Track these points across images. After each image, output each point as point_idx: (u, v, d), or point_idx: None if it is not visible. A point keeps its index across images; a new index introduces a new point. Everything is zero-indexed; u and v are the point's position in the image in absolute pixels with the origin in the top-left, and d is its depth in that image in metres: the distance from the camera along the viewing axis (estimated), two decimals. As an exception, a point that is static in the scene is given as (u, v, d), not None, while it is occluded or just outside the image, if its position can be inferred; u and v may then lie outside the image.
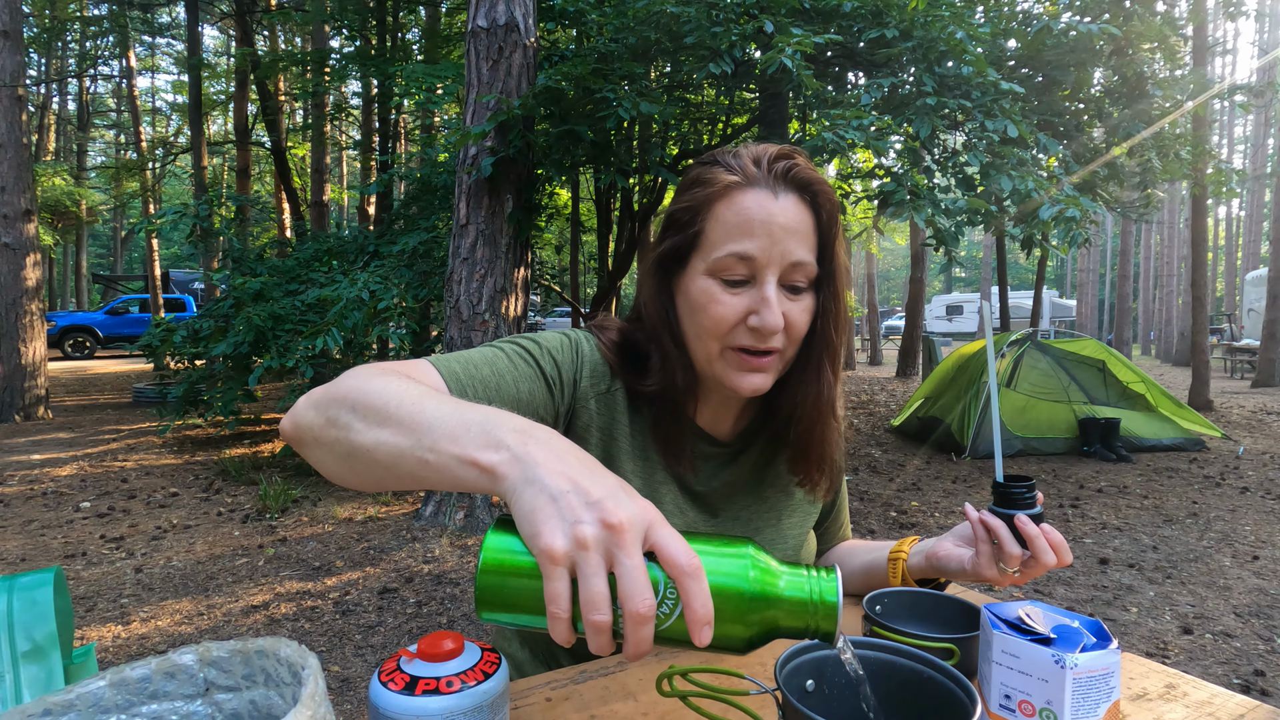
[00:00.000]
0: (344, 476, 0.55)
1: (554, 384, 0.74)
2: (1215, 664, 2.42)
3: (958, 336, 24.55)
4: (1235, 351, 14.43)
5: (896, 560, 0.81)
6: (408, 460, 0.48)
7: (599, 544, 0.39)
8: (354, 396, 0.53)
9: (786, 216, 0.69)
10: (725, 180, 0.71)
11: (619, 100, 3.74)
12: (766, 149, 0.72)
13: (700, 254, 0.72)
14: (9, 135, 6.76)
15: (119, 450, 5.85)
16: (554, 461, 0.43)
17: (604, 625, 0.38)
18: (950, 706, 0.50)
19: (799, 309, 0.71)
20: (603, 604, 0.38)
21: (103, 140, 27.21)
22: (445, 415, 0.48)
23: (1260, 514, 4.18)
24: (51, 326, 14.20)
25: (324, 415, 0.54)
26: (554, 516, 0.40)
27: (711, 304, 0.70)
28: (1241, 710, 0.63)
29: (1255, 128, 22.44)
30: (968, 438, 5.76)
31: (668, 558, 0.40)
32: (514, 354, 0.72)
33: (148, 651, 2.50)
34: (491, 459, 0.44)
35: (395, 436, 0.49)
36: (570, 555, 0.39)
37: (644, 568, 0.39)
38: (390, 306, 4.54)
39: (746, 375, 0.71)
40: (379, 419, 0.50)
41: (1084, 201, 3.68)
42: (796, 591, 0.44)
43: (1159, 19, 4.99)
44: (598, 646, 0.39)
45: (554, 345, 0.76)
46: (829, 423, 0.78)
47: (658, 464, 0.79)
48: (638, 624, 0.38)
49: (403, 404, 0.50)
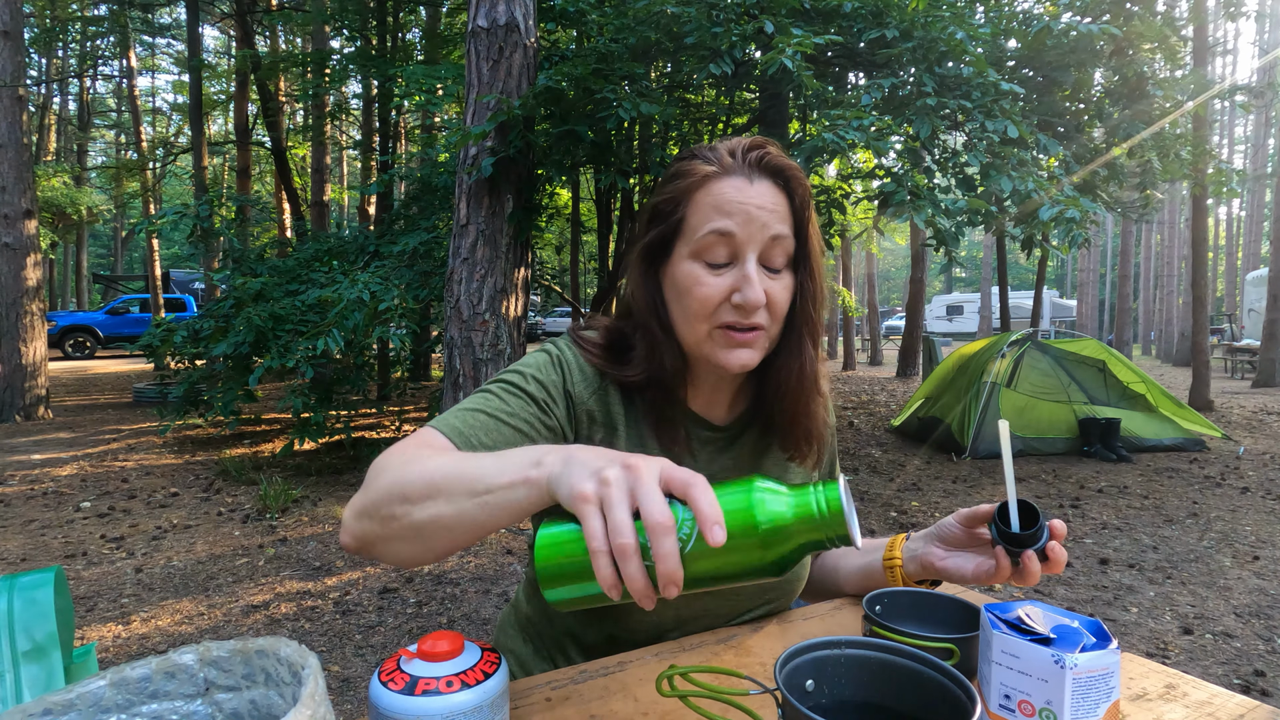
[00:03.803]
0: (421, 555, 0.60)
1: (546, 404, 0.77)
2: (1215, 664, 2.42)
3: (958, 336, 24.55)
4: (1236, 352, 14.42)
5: (894, 568, 0.84)
6: (470, 513, 0.54)
7: (620, 481, 0.45)
8: (396, 489, 0.58)
9: (762, 199, 0.74)
10: (704, 171, 0.75)
11: (619, 100, 3.74)
12: (740, 141, 0.76)
13: (683, 240, 0.76)
14: (9, 135, 6.76)
15: (119, 450, 5.86)
16: (586, 449, 0.51)
17: (629, 549, 0.43)
18: (950, 706, 0.50)
19: (779, 286, 0.75)
20: (626, 529, 0.43)
21: (103, 140, 27.22)
22: (486, 465, 0.55)
23: (1260, 514, 4.18)
24: (52, 326, 14.21)
25: (377, 517, 0.59)
26: (586, 473, 0.47)
27: (697, 285, 0.73)
28: (1241, 710, 0.63)
29: (1256, 128, 22.44)
30: (968, 438, 5.76)
31: (674, 480, 0.46)
32: (501, 391, 0.76)
33: (148, 651, 2.50)
34: (538, 472, 0.51)
35: (451, 503, 0.55)
36: (598, 493, 0.45)
37: (660, 493, 0.45)
38: (391, 307, 4.54)
39: (734, 351, 0.74)
40: (429, 495, 0.56)
41: (1084, 202, 3.68)
42: (804, 509, 0.48)
43: (1159, 19, 5.00)
44: (630, 577, 0.44)
45: (536, 367, 0.80)
46: (814, 396, 0.82)
47: (655, 451, 0.81)
48: (658, 535, 0.43)
49: (445, 474, 0.56)
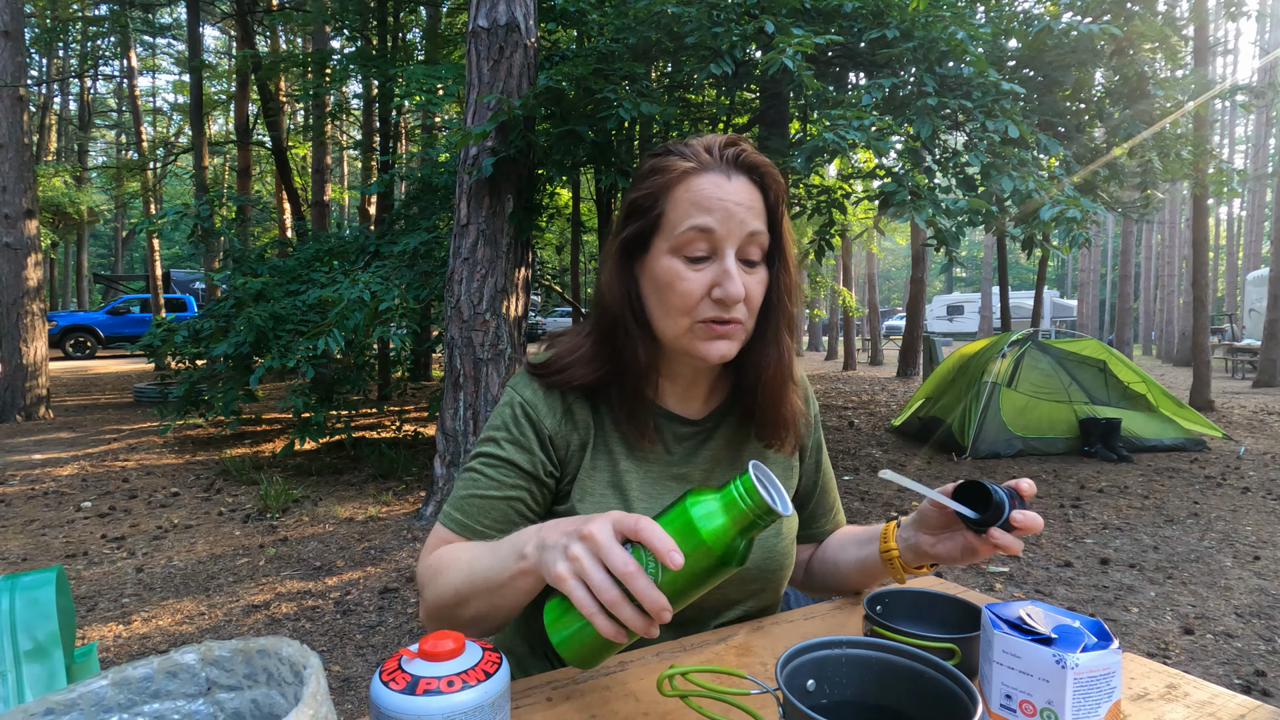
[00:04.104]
0: (491, 630, 0.74)
1: (527, 462, 0.82)
2: (1216, 664, 2.42)
3: (958, 336, 24.55)
4: (1236, 352, 14.41)
5: (892, 559, 0.84)
6: (498, 605, 0.67)
7: (584, 553, 0.53)
8: (439, 604, 0.73)
9: (739, 195, 0.76)
10: (682, 167, 0.76)
11: (620, 100, 3.74)
12: (716, 138, 0.79)
13: (662, 235, 0.77)
14: (10, 135, 6.76)
15: (120, 450, 5.86)
16: (552, 529, 0.60)
17: (617, 600, 0.51)
18: (951, 706, 0.50)
19: (755, 281, 0.77)
20: (608, 587, 0.51)
21: (104, 140, 27.22)
22: (489, 564, 0.67)
23: (1261, 514, 4.17)
24: (53, 326, 14.22)
25: (442, 621, 0.73)
26: (556, 556, 0.56)
27: (678, 280, 0.75)
28: (1242, 711, 0.63)
29: (1256, 128, 22.44)
30: (968, 438, 5.76)
31: (624, 529, 0.53)
32: (484, 468, 0.81)
33: (149, 651, 2.50)
34: (526, 563, 0.61)
35: (482, 602, 0.68)
36: (572, 569, 0.53)
37: (618, 546, 0.53)
38: (392, 307, 4.54)
39: (714, 343, 0.77)
40: (462, 602, 0.70)
41: (1085, 202, 3.68)
42: (732, 506, 0.54)
43: (1160, 19, 4.99)
44: (627, 620, 0.52)
45: (504, 427, 0.83)
46: (788, 385, 0.84)
47: (620, 452, 0.84)
48: (632, 580, 0.51)
49: (465, 582, 0.69)
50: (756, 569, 0.83)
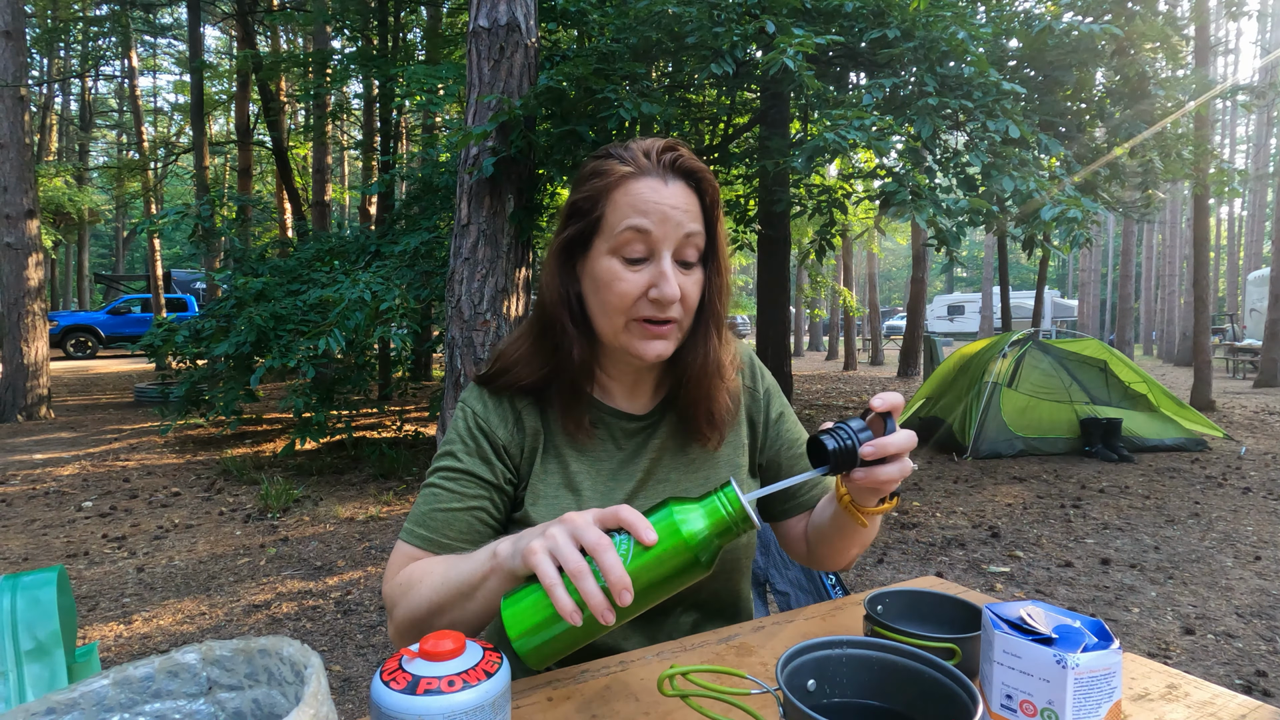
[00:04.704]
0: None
1: (486, 472, 0.83)
2: (1217, 664, 2.41)
3: (959, 336, 24.55)
4: (1237, 351, 14.40)
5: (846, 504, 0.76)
6: (471, 610, 0.68)
7: (560, 530, 0.56)
8: (412, 619, 0.73)
9: (676, 199, 0.78)
10: (621, 170, 0.78)
11: (620, 100, 3.74)
12: (655, 142, 0.80)
13: (602, 236, 0.79)
14: (11, 135, 6.77)
15: (121, 450, 5.86)
16: (531, 530, 0.61)
17: (582, 570, 0.53)
18: (952, 706, 0.50)
19: (690, 282, 0.80)
20: (575, 556, 0.53)
21: (105, 140, 27.24)
22: (462, 570, 0.68)
23: (1262, 514, 4.17)
24: (54, 326, 14.23)
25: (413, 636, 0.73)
26: (531, 536, 0.58)
27: (616, 281, 0.77)
28: (1243, 711, 0.63)
29: (1257, 127, 22.42)
30: (969, 438, 5.76)
31: (606, 518, 0.56)
32: (444, 482, 0.83)
33: (150, 651, 2.51)
34: (495, 561, 0.64)
35: (456, 609, 0.69)
36: (544, 544, 0.55)
37: (595, 528, 0.55)
38: (392, 307, 4.54)
39: (650, 342, 0.79)
40: (437, 612, 0.71)
41: (1085, 202, 3.67)
42: (715, 514, 0.57)
43: (1161, 19, 4.99)
44: (586, 593, 0.52)
45: (460, 439, 0.85)
46: (716, 382, 0.86)
47: (566, 449, 0.86)
48: (600, 553, 0.53)
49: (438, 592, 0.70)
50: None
